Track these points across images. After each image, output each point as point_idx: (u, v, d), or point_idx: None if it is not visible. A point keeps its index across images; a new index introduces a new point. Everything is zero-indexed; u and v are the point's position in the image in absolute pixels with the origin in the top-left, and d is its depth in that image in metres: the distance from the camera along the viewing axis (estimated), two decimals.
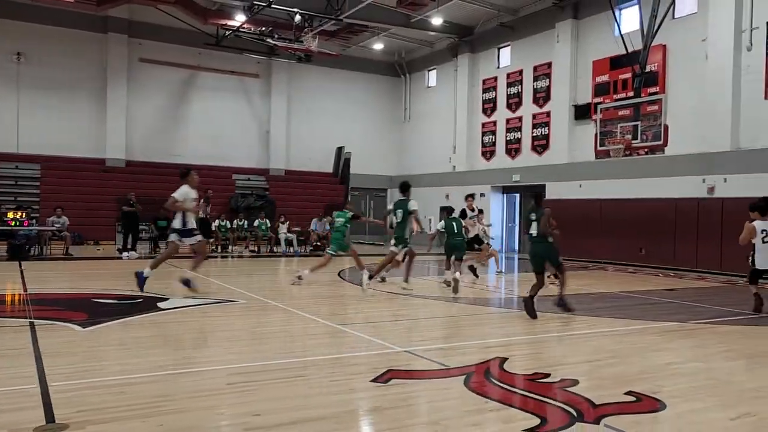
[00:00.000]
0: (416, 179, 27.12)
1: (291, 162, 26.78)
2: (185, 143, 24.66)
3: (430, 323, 7.98)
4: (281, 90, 26.47)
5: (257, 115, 26.31)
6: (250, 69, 25.77)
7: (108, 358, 5.54)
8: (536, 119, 21.64)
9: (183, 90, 24.86)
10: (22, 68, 21.98)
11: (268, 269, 14.97)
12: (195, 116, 24.90)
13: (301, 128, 26.99)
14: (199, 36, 23.06)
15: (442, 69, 26.34)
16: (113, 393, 4.37)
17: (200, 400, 4.31)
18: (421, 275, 13.17)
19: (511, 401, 4.42)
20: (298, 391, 4.54)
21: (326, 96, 27.41)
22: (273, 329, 7.14)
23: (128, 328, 6.86)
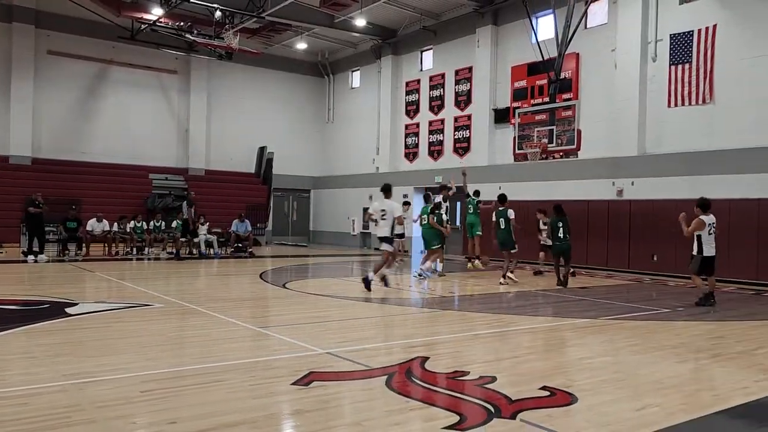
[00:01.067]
0: (340, 180, 27.17)
1: (211, 161, 26.10)
2: (98, 141, 23.55)
3: (354, 324, 7.98)
4: (201, 87, 25.75)
5: (175, 113, 25.48)
6: (167, 65, 24.91)
7: (11, 368, 5.20)
8: (458, 122, 22.11)
9: (95, 85, 23.72)
10: None
11: (186, 272, 14.52)
12: (108, 112, 23.81)
13: (222, 127, 26.36)
14: (113, 29, 22.06)
15: (366, 70, 26.45)
16: (16, 405, 4.12)
17: (112, 409, 4.11)
18: (345, 276, 13.16)
19: (432, 400, 4.48)
20: (217, 397, 4.43)
21: (248, 95, 26.92)
22: (191, 333, 6.93)
23: (33, 336, 6.47)
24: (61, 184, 21.29)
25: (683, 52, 15.42)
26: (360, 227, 25.58)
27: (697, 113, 15.23)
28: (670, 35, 15.72)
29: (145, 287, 10.66)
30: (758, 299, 11.25)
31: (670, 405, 4.47)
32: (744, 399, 4.70)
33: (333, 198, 27.58)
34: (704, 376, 5.44)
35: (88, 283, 11.89)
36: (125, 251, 18.33)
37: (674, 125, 15.66)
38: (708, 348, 6.61)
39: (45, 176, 21.43)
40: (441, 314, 9.01)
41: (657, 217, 15.35)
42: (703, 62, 15.03)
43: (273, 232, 27.08)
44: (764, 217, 13.46)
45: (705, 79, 14.98)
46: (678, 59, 15.51)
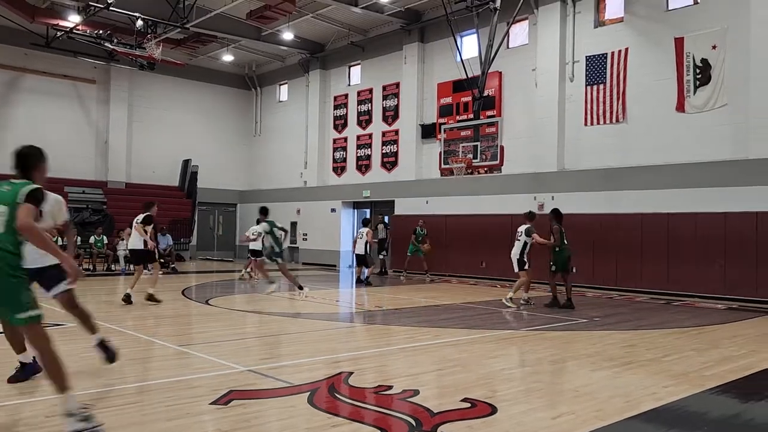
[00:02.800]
0: (267, 194, 26.82)
1: (132, 174, 25.19)
2: (7, 151, 22.18)
3: (277, 340, 7.85)
4: (121, 98, 24.87)
5: (94, 124, 24.47)
6: (86, 74, 23.93)
7: None
8: (386, 137, 22.33)
9: (6, 93, 22.47)
10: None
11: (104, 288, 13.89)
12: (20, 122, 22.57)
13: (144, 139, 25.53)
14: (25, 35, 21.02)
15: (294, 84, 26.33)
16: None
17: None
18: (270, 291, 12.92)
19: (356, 416, 4.46)
20: (131, 419, 4.24)
21: (172, 106, 26.22)
22: None
23: None
24: None
25: (598, 73, 16.21)
26: (288, 242, 25.28)
27: (611, 131, 16.01)
28: (585, 57, 16.50)
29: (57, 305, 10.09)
30: (668, 308, 11.88)
31: (584, 412, 4.63)
32: (653, 404, 4.93)
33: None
34: (617, 383, 5.69)
35: None
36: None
37: (591, 142, 16.40)
38: (621, 356, 6.91)
39: None
40: (366, 328, 9.01)
41: (576, 231, 15.96)
42: (616, 83, 15.85)
43: (198, 246, 26.37)
44: (673, 230, 14.26)
45: (618, 100, 15.79)
46: (593, 80, 16.29)
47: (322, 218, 23.87)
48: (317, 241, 24.20)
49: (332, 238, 23.39)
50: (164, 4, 18.74)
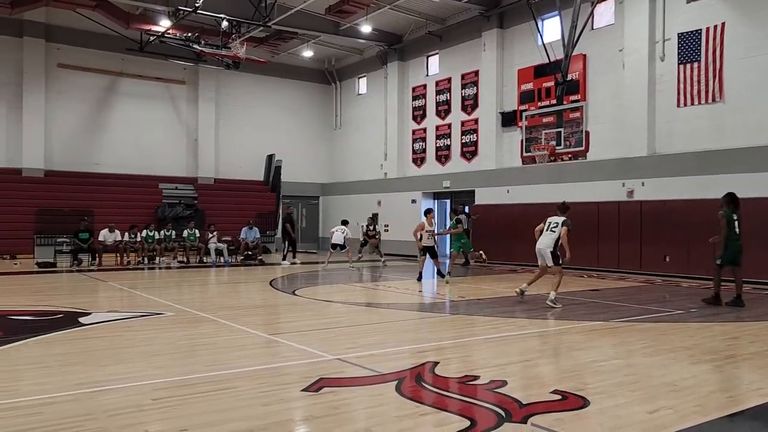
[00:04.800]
0: (348, 186, 27.23)
1: (220, 170, 26.24)
2: (108, 152, 23.75)
3: (363, 330, 7.97)
4: (209, 97, 25.92)
5: (184, 123, 25.66)
6: (176, 75, 25.11)
7: (24, 378, 5.24)
8: (465, 126, 22.10)
9: (105, 96, 23.95)
10: None
11: (197, 280, 14.58)
12: (118, 124, 24.03)
13: (231, 136, 26.51)
14: (121, 41, 22.28)
15: (372, 76, 26.51)
16: (29, 414, 4.15)
17: (123, 417, 4.14)
18: (354, 282, 13.16)
19: (443, 405, 4.47)
20: (227, 404, 4.44)
21: (256, 103, 27.06)
22: (201, 341, 6.95)
23: (47, 346, 6.52)
24: (73, 196, 21.49)
25: (692, 50, 15.34)
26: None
27: (707, 112, 15.14)
28: (678, 34, 15.65)
29: (156, 296, 10.72)
30: None
31: (684, 407, 4.43)
32: (759, 400, 4.65)
33: (342, 204, 27.61)
34: (718, 377, 5.39)
35: (100, 292, 11.96)
36: (137, 261, 18.44)
37: (684, 124, 15.57)
38: (722, 349, 6.55)
39: (57, 188, 21.65)
40: (450, 319, 8.99)
41: (669, 218, 15.25)
42: (712, 61, 14.95)
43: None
44: None
45: (714, 78, 14.89)
46: (686, 58, 15.44)
47: (403, 209, 23.97)
48: (398, 232, 24.31)
49: (413, 229, 23.43)
50: (247, 4, 19.34)
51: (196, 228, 20.06)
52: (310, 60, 27.24)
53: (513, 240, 18.26)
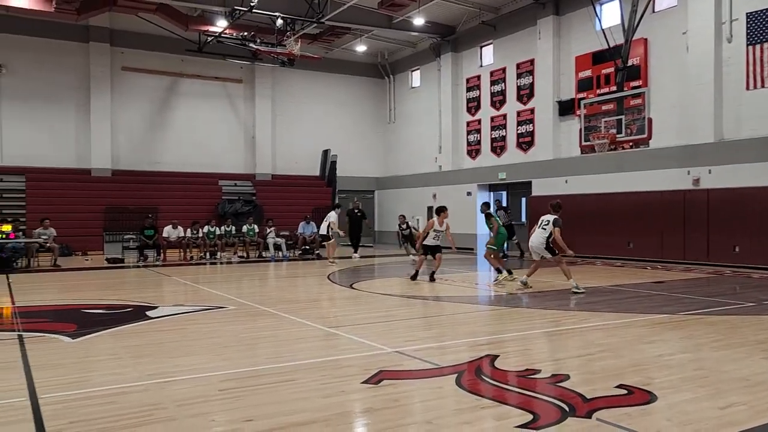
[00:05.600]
0: (403, 180, 27.24)
1: (277, 166, 26.70)
2: (170, 151, 24.53)
3: (420, 323, 7.98)
4: (265, 94, 26.40)
5: (242, 121, 26.23)
6: (233, 74, 25.68)
7: (98, 369, 5.49)
8: (521, 116, 21.74)
9: (166, 97, 24.73)
10: (4, 80, 21.76)
11: (257, 274, 14.90)
12: (179, 123, 24.78)
13: (287, 132, 26.93)
14: (181, 43, 22.94)
15: (426, 69, 26.39)
16: (103, 403, 4.34)
17: (191, 407, 4.28)
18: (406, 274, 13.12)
19: (504, 398, 4.43)
20: (289, 395, 4.53)
21: (311, 99, 27.38)
22: (263, 334, 7.11)
23: (118, 338, 6.80)
24: (138, 194, 22.32)
25: (761, 30, 14.59)
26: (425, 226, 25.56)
27: None
28: (746, 14, 14.92)
29: (218, 290, 11.02)
30: None
31: (758, 403, 4.24)
32: None
33: (397, 198, 27.67)
34: None
35: (165, 287, 12.39)
36: (199, 256, 19.00)
37: (753, 108, 14.85)
38: None
39: (124, 187, 22.53)
40: (508, 311, 8.89)
41: (738, 206, 14.60)
42: None
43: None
44: None
45: None
46: (756, 38, 14.69)
47: (458, 202, 23.80)
48: (453, 225, 24.11)
49: (468, 222, 23.25)
50: (301, 2, 19.57)
51: (255, 223, 20.50)
52: (363, 54, 27.35)
53: (571, 231, 17.79)
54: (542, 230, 10.71)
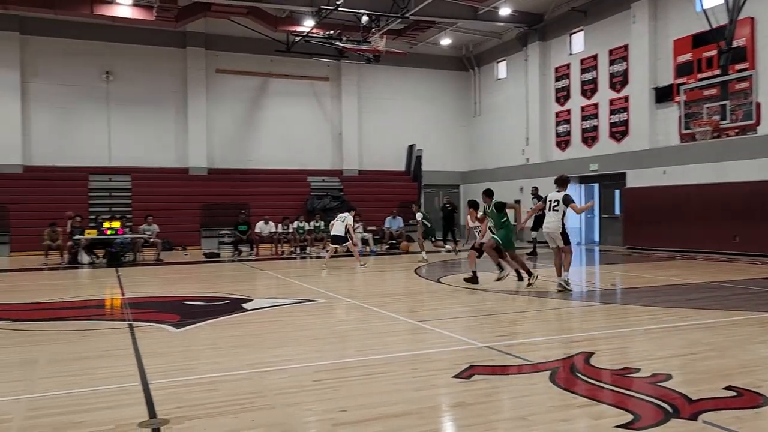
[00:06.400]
0: (489, 173, 26.87)
1: (363, 162, 27.05)
2: (261, 149, 25.39)
3: (509, 318, 7.86)
4: (351, 91, 26.78)
5: (329, 118, 26.75)
6: (320, 73, 26.22)
7: (200, 357, 5.79)
8: (614, 105, 20.88)
9: (257, 97, 25.62)
10: (111, 86, 23.30)
11: (345, 269, 15.18)
12: (269, 122, 25.61)
13: (373, 128, 27.21)
14: (270, 44, 23.68)
15: (512, 60, 25.86)
16: (207, 390, 4.57)
17: (288, 396, 4.44)
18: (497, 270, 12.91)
19: (601, 397, 4.29)
20: (381, 388, 4.59)
21: (395, 95, 27.51)
22: (353, 327, 7.25)
23: (217, 329, 7.14)
24: (232, 191, 23.29)
25: None
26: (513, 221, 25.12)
27: None
28: None
29: (309, 284, 11.33)
30: None
31: None
32: None
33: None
34: None
35: (259, 280, 12.88)
36: (290, 251, 19.59)
37: None
38: None
39: (219, 184, 23.57)
40: (603, 308, 8.58)
41: None
42: None
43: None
44: None
45: None
46: None
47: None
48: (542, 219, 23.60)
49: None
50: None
51: None
52: (448, 48, 27.16)
53: (670, 225, 17.03)
54: (555, 212, 9.46)
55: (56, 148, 22.44)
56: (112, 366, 5.40)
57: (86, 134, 22.92)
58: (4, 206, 20.36)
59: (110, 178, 22.88)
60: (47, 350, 6.16)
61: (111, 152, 23.27)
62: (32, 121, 22.32)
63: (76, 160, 22.51)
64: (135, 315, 8.03)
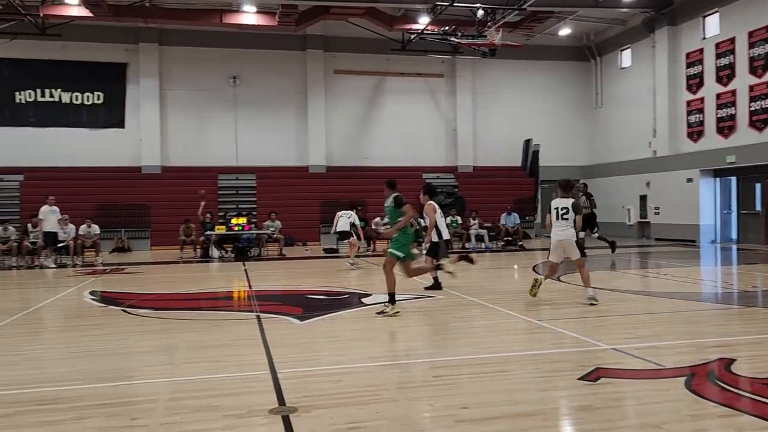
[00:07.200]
0: (612, 168, 25.66)
1: (478, 158, 26.75)
2: (376, 146, 25.83)
3: (636, 319, 7.45)
4: (466, 87, 26.56)
5: (443, 114, 26.70)
6: (434, 69, 26.23)
7: (323, 349, 6.01)
8: (754, 91, 19.14)
9: (373, 96, 26.09)
10: (237, 90, 24.70)
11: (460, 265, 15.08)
12: (385, 120, 25.99)
13: (487, 123, 26.83)
14: (386, 43, 24.01)
15: (638, 47, 24.45)
16: (331, 381, 4.73)
17: (409, 390, 4.49)
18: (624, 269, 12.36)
19: (746, 407, 3.97)
20: (503, 386, 4.53)
21: (511, 88, 26.94)
22: (472, 324, 7.19)
23: (338, 322, 7.37)
24: (349, 188, 23.88)
25: None
26: (637, 216, 23.88)
27: None
28: None
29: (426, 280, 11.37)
30: None
31: None
32: None
33: (605, 187, 26.07)
34: None
35: (377, 276, 13.09)
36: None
37: None
38: None
39: (337, 182, 24.28)
40: (743, 311, 7.92)
41: None
42: None
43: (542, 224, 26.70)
44: None
45: None
46: None
47: (676, 190, 21.79)
48: (670, 215, 22.20)
49: (689, 211, 21.18)
50: None
51: (458, 215, 20.77)
52: (567, 38, 26.18)
53: None
54: (565, 220, 8.53)
55: (189, 150, 24.14)
56: (243, 354, 5.73)
57: (216, 136, 24.47)
58: (146, 204, 22.21)
59: (237, 176, 24.27)
60: (185, 337, 6.66)
61: (238, 152, 24.67)
62: (169, 125, 24.16)
63: (206, 160, 24.09)
64: (261, 307, 8.47)
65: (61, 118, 23.22)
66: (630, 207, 24.10)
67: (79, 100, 23.47)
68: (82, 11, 20.06)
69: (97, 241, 17.02)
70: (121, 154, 23.51)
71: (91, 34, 22.50)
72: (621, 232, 24.47)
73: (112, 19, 20.99)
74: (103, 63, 23.54)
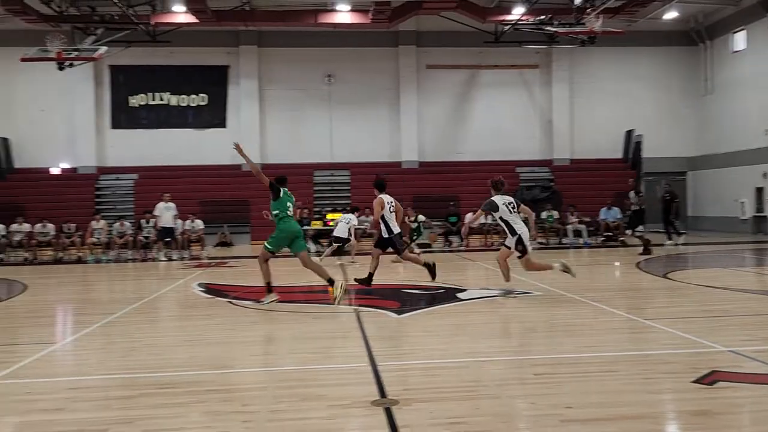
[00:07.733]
0: (723, 158, 24.07)
1: (575, 150, 25.83)
2: (469, 140, 25.56)
3: (757, 320, 6.93)
4: (562, 77, 25.71)
5: (538, 106, 26.01)
6: (529, 60, 25.58)
7: (421, 343, 6.03)
8: None
9: (465, 90, 25.82)
10: (332, 88, 25.22)
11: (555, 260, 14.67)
12: (478, 114, 25.65)
13: (585, 114, 25.85)
14: (478, 36, 23.66)
15: (753, 28, 22.69)
16: (430, 375, 4.74)
17: (510, 388, 4.42)
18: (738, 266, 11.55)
19: None
20: (610, 387, 4.36)
21: (611, 77, 25.78)
22: (573, 322, 6.96)
23: (435, 317, 7.37)
24: (441, 183, 23.81)
25: None
26: (753, 210, 22.25)
27: None
28: None
29: (521, 275, 11.13)
30: None
31: None
32: None
33: (715, 179, 24.50)
34: None
35: (471, 271, 13.04)
36: (499, 242, 19.44)
37: None
38: None
39: (429, 177, 24.26)
40: None
41: None
42: None
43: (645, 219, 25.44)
44: None
45: None
46: None
47: None
48: None
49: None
50: None
51: (554, 209, 20.19)
52: (672, 21, 24.73)
53: None
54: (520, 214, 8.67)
55: (286, 147, 24.91)
56: (344, 347, 5.86)
57: (311, 133, 25.11)
58: (247, 200, 23.16)
59: (332, 173, 24.80)
60: (287, 329, 6.89)
61: (332, 149, 25.20)
62: (267, 124, 25.06)
63: (302, 157, 24.76)
64: (359, 300, 8.62)
65: (169, 119, 24.70)
66: (744, 200, 22.51)
67: (185, 103, 24.84)
68: (188, 18, 21.17)
69: (202, 236, 17.97)
70: (223, 152, 24.62)
71: (196, 39, 23.69)
72: (734, 227, 22.90)
73: (215, 23, 22.01)
74: (206, 66, 24.77)
